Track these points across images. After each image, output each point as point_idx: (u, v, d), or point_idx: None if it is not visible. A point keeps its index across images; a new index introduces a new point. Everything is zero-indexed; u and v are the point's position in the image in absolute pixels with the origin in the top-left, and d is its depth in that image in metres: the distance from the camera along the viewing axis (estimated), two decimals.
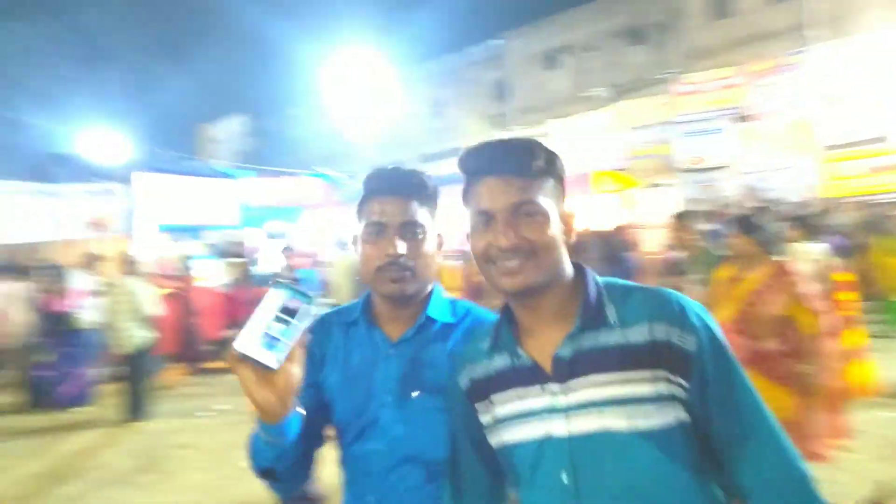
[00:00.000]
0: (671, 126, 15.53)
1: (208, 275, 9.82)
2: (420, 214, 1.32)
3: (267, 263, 11.21)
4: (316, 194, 15.47)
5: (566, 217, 1.11)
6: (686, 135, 15.25)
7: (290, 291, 1.04)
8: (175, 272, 9.26)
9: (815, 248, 5.00)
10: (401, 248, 1.28)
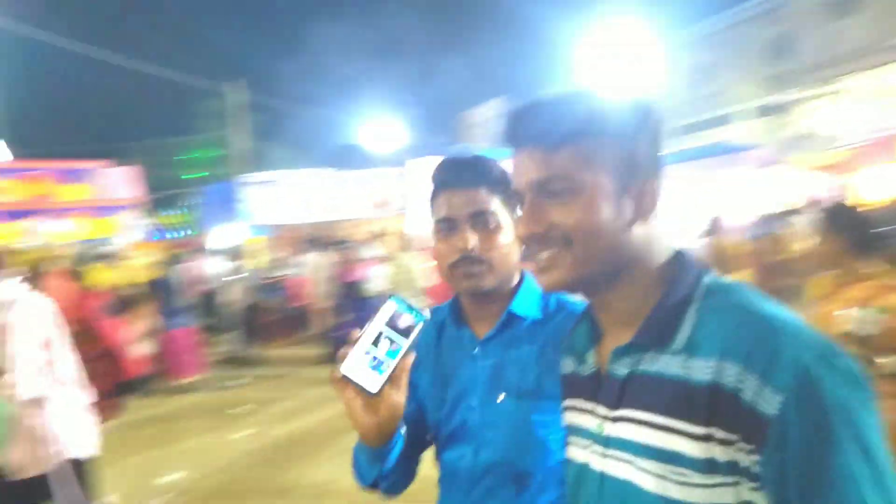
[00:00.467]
0: None
1: None
2: (491, 203, 1.23)
3: None
4: None
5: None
6: None
7: (403, 306, 0.99)
8: None
9: None
10: (472, 242, 1.21)
